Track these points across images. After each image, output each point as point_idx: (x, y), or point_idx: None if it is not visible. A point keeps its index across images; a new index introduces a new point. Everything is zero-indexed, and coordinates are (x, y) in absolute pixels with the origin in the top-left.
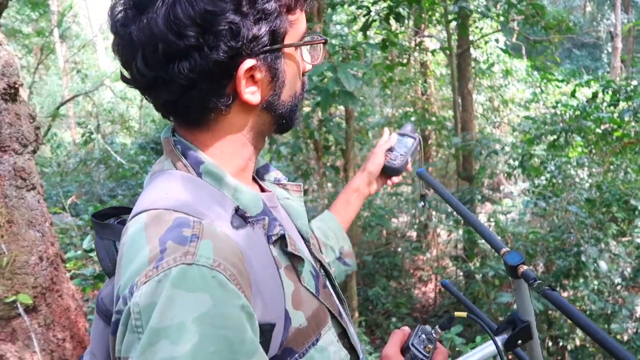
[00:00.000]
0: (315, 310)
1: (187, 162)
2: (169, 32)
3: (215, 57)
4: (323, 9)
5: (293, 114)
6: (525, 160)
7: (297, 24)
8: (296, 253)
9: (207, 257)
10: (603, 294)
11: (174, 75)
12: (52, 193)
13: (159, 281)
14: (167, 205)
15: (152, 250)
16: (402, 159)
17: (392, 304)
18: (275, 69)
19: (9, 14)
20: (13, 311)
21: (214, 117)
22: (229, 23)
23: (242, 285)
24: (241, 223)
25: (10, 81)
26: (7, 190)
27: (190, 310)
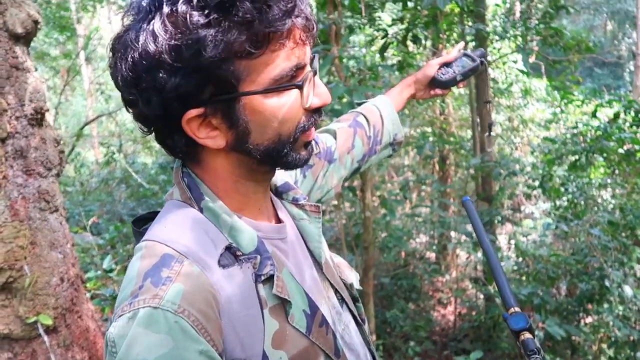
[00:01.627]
0: (304, 349)
1: (192, 196)
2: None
3: (148, 112)
4: (341, 32)
5: (280, 155)
6: (546, 181)
7: (265, 66)
8: (281, 296)
9: (172, 303)
10: (628, 319)
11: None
12: (74, 212)
13: (130, 318)
14: (162, 238)
15: (135, 284)
16: (450, 75)
17: (410, 327)
18: (230, 116)
19: (38, 37)
20: (34, 332)
21: (197, 156)
22: (152, 80)
23: (207, 330)
24: (230, 261)
25: (37, 107)
26: (31, 213)
27: (153, 350)
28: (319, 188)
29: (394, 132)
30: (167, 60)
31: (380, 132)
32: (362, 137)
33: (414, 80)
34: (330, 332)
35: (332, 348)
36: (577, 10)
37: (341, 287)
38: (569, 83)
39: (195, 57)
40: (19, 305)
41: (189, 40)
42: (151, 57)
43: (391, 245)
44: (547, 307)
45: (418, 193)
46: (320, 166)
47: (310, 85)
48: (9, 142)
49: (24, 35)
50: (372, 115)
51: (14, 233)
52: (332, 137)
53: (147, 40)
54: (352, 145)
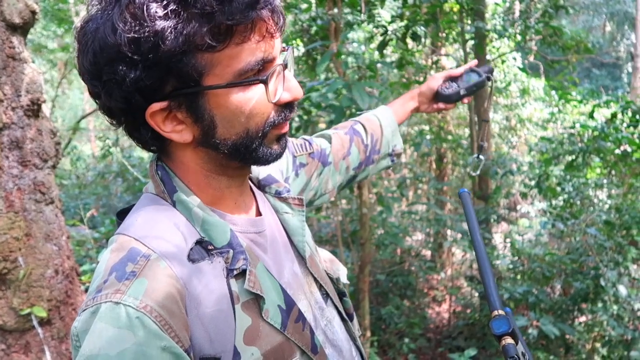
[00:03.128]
0: (278, 345)
1: (165, 189)
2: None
3: (111, 104)
4: (340, 28)
5: (249, 151)
6: (542, 180)
7: (229, 60)
8: (253, 291)
9: (134, 298)
10: (623, 319)
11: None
12: (70, 205)
13: (92, 312)
14: (131, 232)
15: (102, 278)
16: (454, 90)
17: (405, 324)
18: (195, 110)
19: (35, 29)
20: (27, 323)
21: (167, 150)
22: (113, 73)
23: (171, 326)
24: (201, 256)
25: (33, 97)
26: (26, 204)
27: (114, 345)
28: (312, 189)
29: (393, 142)
30: (126, 53)
31: (379, 142)
32: (358, 145)
33: (418, 93)
34: (307, 328)
35: (309, 344)
36: (576, 10)
37: (326, 282)
38: (566, 83)
39: (154, 50)
40: (13, 297)
41: (148, 33)
42: (111, 49)
43: (387, 243)
44: (542, 306)
45: (415, 191)
46: (315, 166)
47: (278, 80)
48: (5, 133)
49: (21, 25)
50: (370, 124)
51: (8, 224)
52: (327, 141)
53: (106, 31)
54: (348, 152)
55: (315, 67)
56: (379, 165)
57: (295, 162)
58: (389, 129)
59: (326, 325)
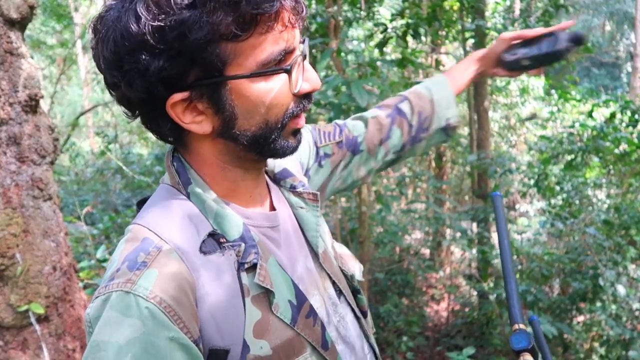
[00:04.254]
0: (288, 340)
1: (180, 181)
2: (100, 66)
3: (131, 95)
4: (340, 26)
5: (268, 142)
6: (541, 180)
7: (252, 49)
8: (263, 285)
9: (145, 288)
10: (621, 319)
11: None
12: (68, 201)
13: (104, 300)
14: (145, 222)
15: (115, 267)
16: (518, 57)
17: (403, 323)
18: (216, 101)
19: (34, 25)
20: (25, 320)
21: (184, 141)
22: (135, 62)
23: (180, 317)
24: (212, 248)
25: (31, 93)
26: (24, 200)
27: (124, 333)
28: (340, 178)
29: (446, 116)
30: (150, 42)
31: (429, 119)
32: (402, 127)
33: (482, 55)
34: (318, 324)
35: (319, 340)
36: (576, 9)
37: (339, 278)
38: (566, 82)
39: (179, 39)
40: (10, 294)
41: (173, 22)
42: (134, 38)
43: (386, 241)
44: (540, 305)
45: (414, 189)
46: (342, 156)
47: (299, 70)
48: (3, 129)
49: (19, 20)
50: (419, 100)
51: (6, 220)
52: (363, 126)
53: (129, 20)
54: (387, 136)
55: (315, 65)
56: (431, 141)
57: (319, 152)
58: (443, 102)
59: (339, 321)
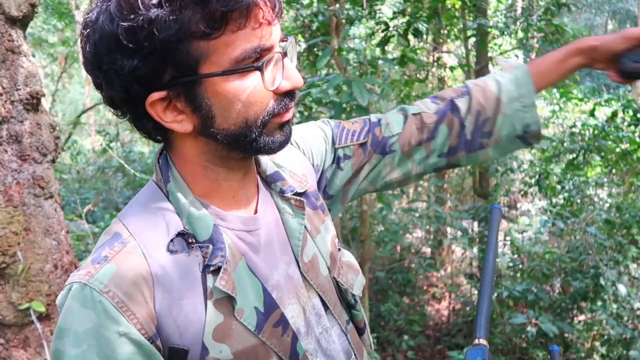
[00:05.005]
0: (251, 347)
1: (162, 178)
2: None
3: (112, 94)
4: (341, 24)
5: (248, 140)
6: (543, 179)
7: (225, 47)
8: (223, 289)
9: (100, 282)
10: (622, 318)
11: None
12: (70, 200)
13: (67, 289)
14: (123, 216)
15: (89, 257)
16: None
17: (404, 321)
18: (193, 99)
19: (35, 23)
20: (26, 318)
21: (169, 140)
22: (112, 62)
23: (133, 312)
24: (180, 247)
25: (32, 91)
26: (25, 199)
27: (81, 323)
28: (365, 180)
29: (523, 122)
30: (122, 42)
31: (490, 122)
32: (450, 126)
33: (590, 47)
34: (288, 334)
35: (287, 351)
36: (578, 8)
37: (325, 290)
38: (568, 81)
39: (149, 38)
40: (11, 292)
41: (142, 21)
42: (109, 38)
43: (387, 240)
44: (541, 304)
45: (415, 188)
46: (365, 158)
47: (277, 68)
48: (4, 127)
49: (20, 18)
50: (481, 96)
51: (7, 219)
52: (401, 124)
53: (104, 21)
54: (431, 136)
55: (315, 63)
56: (502, 149)
57: (337, 153)
58: (515, 103)
59: (321, 333)
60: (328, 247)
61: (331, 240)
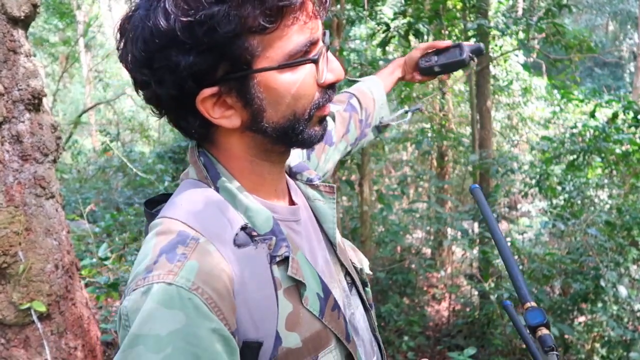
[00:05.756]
0: (316, 333)
1: (208, 175)
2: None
3: (162, 92)
4: (342, 25)
5: (295, 133)
6: (543, 180)
7: (279, 41)
8: (296, 277)
9: (187, 279)
10: (622, 320)
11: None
12: (71, 199)
13: (143, 292)
14: (178, 215)
15: (150, 259)
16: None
17: (404, 322)
18: (245, 94)
19: (37, 23)
20: (27, 318)
21: (212, 137)
22: (165, 59)
23: (220, 309)
24: (245, 241)
25: (34, 91)
26: (26, 199)
27: (166, 325)
28: (320, 170)
29: (380, 115)
30: (180, 38)
31: (372, 115)
32: (355, 121)
33: (403, 62)
34: (341, 316)
35: (344, 332)
36: (579, 9)
37: (352, 270)
38: (569, 82)
39: (209, 34)
40: (12, 292)
41: (202, 17)
42: (163, 35)
43: (387, 240)
44: (541, 305)
45: (416, 189)
46: (322, 149)
47: (324, 61)
48: (5, 127)
49: (22, 18)
50: (364, 98)
51: (8, 218)
52: (332, 120)
53: (158, 18)
54: (347, 130)
55: None
56: (367, 139)
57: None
58: (380, 101)
59: (352, 314)
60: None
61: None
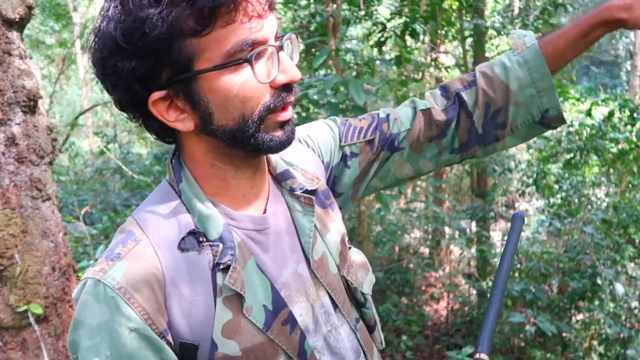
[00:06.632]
0: (259, 344)
1: (174, 178)
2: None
3: (118, 96)
4: (339, 25)
5: (245, 136)
6: (540, 178)
7: (215, 43)
8: (233, 287)
9: (112, 278)
10: (619, 317)
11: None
12: (68, 201)
13: (82, 284)
14: (137, 215)
15: (100, 255)
16: None
17: (402, 322)
18: (191, 97)
19: (33, 25)
20: (24, 321)
21: (178, 140)
22: (113, 65)
23: (144, 309)
24: (191, 246)
25: (30, 94)
26: (22, 201)
27: (95, 316)
28: (375, 177)
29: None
30: (120, 44)
31: (503, 112)
32: (458, 122)
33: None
34: (297, 332)
35: (295, 349)
36: (575, 8)
37: (334, 288)
38: (565, 81)
39: (142, 38)
40: (9, 294)
41: (135, 22)
42: (109, 41)
43: (385, 240)
44: (539, 304)
45: (413, 188)
46: (372, 155)
47: (271, 61)
48: (1, 129)
49: (17, 20)
50: (488, 87)
51: (5, 221)
52: (410, 119)
53: (105, 25)
54: (442, 133)
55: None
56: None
57: (345, 151)
58: (528, 90)
59: (329, 331)
60: (338, 245)
61: (341, 239)
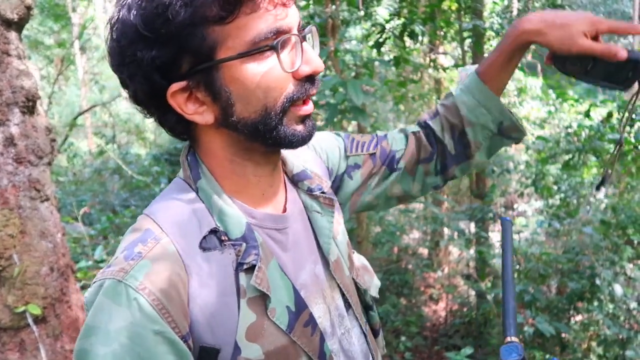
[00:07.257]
0: (282, 347)
1: (191, 175)
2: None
3: (136, 88)
4: (338, 26)
5: (268, 129)
6: (539, 179)
7: (240, 30)
8: (259, 288)
9: (135, 279)
10: (618, 318)
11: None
12: (66, 202)
13: (99, 286)
14: (152, 213)
15: (115, 255)
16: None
17: (401, 322)
18: (212, 88)
19: (32, 25)
20: (22, 321)
21: (194, 135)
22: (133, 55)
23: (168, 311)
24: (213, 245)
25: (28, 94)
26: (21, 201)
27: (113, 320)
28: (371, 193)
29: (493, 121)
30: (141, 32)
31: (463, 134)
32: (437, 147)
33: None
34: (317, 334)
35: (316, 351)
36: (573, 9)
37: (349, 290)
38: (564, 82)
39: (165, 25)
40: (7, 295)
41: (157, 8)
42: (130, 30)
43: (384, 241)
44: (538, 305)
45: None
46: (374, 169)
47: (296, 51)
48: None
49: (16, 21)
50: (448, 114)
51: (3, 221)
52: (404, 141)
53: (124, 13)
54: (429, 158)
55: None
56: (489, 151)
57: (349, 162)
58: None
59: (343, 334)
60: (346, 248)
61: (347, 243)
